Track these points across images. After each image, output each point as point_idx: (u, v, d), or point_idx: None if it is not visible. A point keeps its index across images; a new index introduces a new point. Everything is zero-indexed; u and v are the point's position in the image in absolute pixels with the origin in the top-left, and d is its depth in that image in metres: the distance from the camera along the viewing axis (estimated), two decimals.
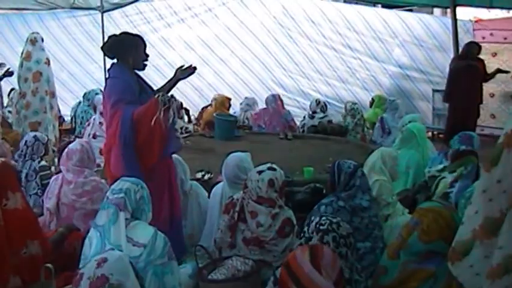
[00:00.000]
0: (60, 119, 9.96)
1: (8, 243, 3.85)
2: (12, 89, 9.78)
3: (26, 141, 6.03)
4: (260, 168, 4.42)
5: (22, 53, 8.58)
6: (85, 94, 9.96)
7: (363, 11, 12.10)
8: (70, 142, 5.76)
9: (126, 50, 4.57)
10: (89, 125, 8.14)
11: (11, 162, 4.62)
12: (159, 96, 4.28)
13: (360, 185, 4.48)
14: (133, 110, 4.32)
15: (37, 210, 5.26)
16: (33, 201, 5.53)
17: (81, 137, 7.61)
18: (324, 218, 3.31)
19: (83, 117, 9.30)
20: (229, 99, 10.25)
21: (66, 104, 10.91)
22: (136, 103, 4.40)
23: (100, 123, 8.10)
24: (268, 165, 4.43)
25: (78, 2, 10.38)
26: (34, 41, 8.54)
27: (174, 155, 4.91)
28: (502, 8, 10.41)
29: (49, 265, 3.69)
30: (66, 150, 5.26)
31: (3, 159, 4.39)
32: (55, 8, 10.57)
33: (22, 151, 5.95)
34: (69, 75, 12.01)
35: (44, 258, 3.95)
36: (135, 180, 3.71)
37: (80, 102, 10.06)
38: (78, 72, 12.07)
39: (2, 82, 9.08)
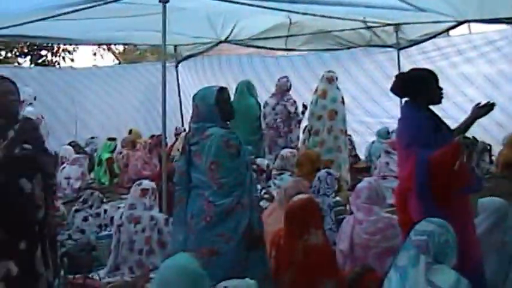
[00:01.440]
0: (356, 157, 10.17)
1: (306, 279, 3.98)
2: (306, 126, 10.21)
3: (319, 177, 6.22)
4: None
5: (316, 90, 8.92)
6: (378, 132, 10.05)
7: None
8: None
9: (418, 88, 4.42)
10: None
11: (315, 200, 4.80)
12: (460, 138, 4.09)
13: None
14: (429, 154, 4.16)
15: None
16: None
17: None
18: None
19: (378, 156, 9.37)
20: None
21: (365, 141, 11.11)
22: (431, 144, 4.23)
23: (386, 163, 8.07)
24: None
25: (374, 40, 10.59)
26: (331, 79, 8.82)
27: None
28: None
29: None
30: (355, 188, 5.32)
31: (306, 195, 4.57)
32: (352, 47, 10.93)
33: (315, 186, 6.14)
34: (366, 112, 12.25)
35: None
36: (440, 223, 3.56)
37: (373, 141, 10.17)
38: (374, 109, 12.25)
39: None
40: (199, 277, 2.96)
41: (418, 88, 4.41)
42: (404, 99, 4.65)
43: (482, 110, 4.42)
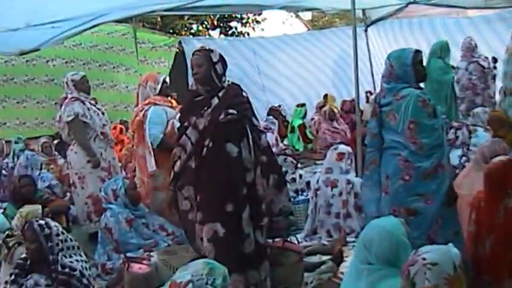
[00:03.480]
0: None
1: (507, 243, 3.88)
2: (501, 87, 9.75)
3: None
4: None
5: (507, 49, 8.52)
6: None
7: None
8: None
9: None
10: None
11: None
12: None
13: None
14: None
15: None
16: None
17: None
18: None
19: None
20: None
21: None
22: None
23: None
24: None
25: None
26: None
27: None
28: None
29: None
30: None
31: (506, 157, 4.41)
32: None
33: None
34: None
35: None
36: None
37: None
38: None
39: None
40: (402, 244, 3.00)
41: None
42: None
43: None
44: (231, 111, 4.20)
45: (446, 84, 8.92)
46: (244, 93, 4.45)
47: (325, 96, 12.39)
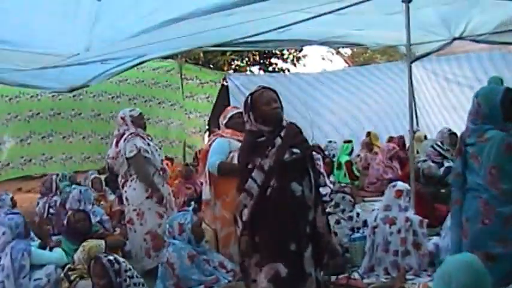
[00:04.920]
0: None
1: None
2: None
3: None
4: None
5: None
6: None
7: None
8: None
9: None
10: None
11: None
12: None
13: None
14: None
15: None
16: None
17: None
18: None
19: None
20: None
21: None
22: None
23: None
24: None
25: None
26: None
27: None
28: None
29: None
30: None
31: None
32: None
33: None
34: None
35: None
36: None
37: None
38: None
39: None
40: (482, 275, 2.98)
41: None
42: None
43: None
44: (295, 150, 4.21)
45: None
46: (301, 132, 4.45)
47: (368, 133, 12.38)
